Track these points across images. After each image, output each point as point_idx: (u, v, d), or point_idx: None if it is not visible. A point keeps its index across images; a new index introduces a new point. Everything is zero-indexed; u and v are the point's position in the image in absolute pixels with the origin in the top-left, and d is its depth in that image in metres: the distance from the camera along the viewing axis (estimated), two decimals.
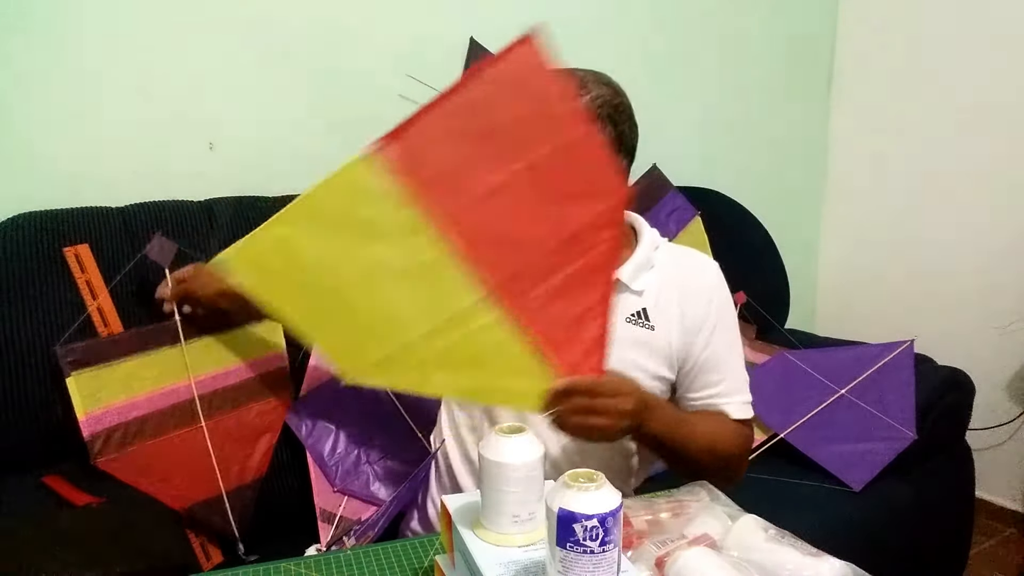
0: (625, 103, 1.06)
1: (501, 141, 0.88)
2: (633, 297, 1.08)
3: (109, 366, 1.20)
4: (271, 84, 1.61)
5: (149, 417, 1.23)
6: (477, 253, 0.87)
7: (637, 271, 1.08)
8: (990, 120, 2.16)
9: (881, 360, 1.72)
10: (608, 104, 1.04)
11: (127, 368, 1.22)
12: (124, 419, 1.20)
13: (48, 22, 1.38)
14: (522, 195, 0.88)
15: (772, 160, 2.43)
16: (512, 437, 0.69)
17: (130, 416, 1.21)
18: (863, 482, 1.53)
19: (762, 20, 2.30)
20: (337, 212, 0.87)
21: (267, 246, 0.87)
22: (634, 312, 1.07)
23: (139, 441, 1.21)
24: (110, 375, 1.20)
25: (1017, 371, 2.16)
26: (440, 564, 0.75)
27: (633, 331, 1.06)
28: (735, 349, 1.14)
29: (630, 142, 1.07)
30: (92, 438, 1.16)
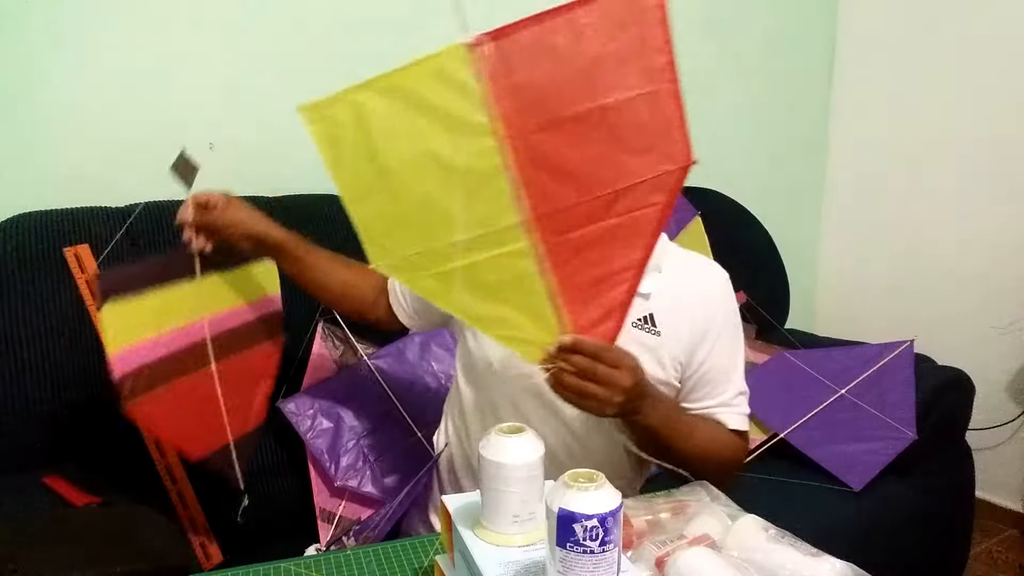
0: None
1: (593, 73, 0.87)
2: (640, 301, 1.06)
3: (137, 298, 1.14)
4: (271, 84, 1.61)
5: (168, 359, 1.16)
6: (531, 176, 0.86)
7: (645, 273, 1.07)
8: (991, 120, 2.16)
9: (881, 360, 1.72)
10: None
11: (152, 303, 1.15)
12: (148, 360, 1.13)
13: (48, 23, 1.38)
14: (594, 133, 0.87)
15: (772, 160, 2.43)
16: (512, 437, 0.69)
17: (153, 357, 1.14)
18: (863, 482, 1.53)
19: (762, 20, 2.30)
20: (418, 92, 0.88)
21: (343, 106, 0.90)
22: (641, 317, 1.06)
23: (162, 384, 1.14)
24: (138, 308, 1.14)
25: (1017, 371, 2.16)
26: (440, 564, 0.75)
27: (639, 336, 1.06)
28: (738, 361, 1.13)
29: None
30: (123, 378, 1.09)
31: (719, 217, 2.04)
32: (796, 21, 2.38)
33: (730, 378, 1.11)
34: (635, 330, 1.06)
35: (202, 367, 1.20)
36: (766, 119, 2.39)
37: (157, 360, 1.15)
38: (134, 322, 1.13)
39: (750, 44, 2.30)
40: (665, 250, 1.11)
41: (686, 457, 1.02)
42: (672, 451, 1.02)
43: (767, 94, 2.37)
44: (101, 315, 1.10)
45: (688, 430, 1.03)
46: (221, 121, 1.57)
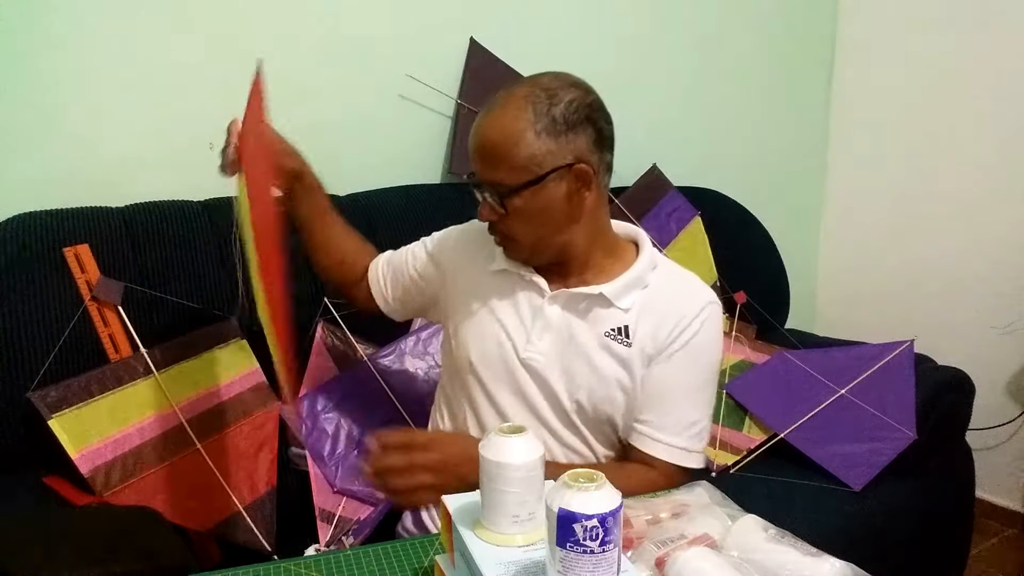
0: (597, 99, 1.05)
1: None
2: (618, 312, 1.07)
3: (87, 404, 1.19)
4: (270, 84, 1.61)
5: (144, 447, 1.22)
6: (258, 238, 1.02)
7: (626, 289, 1.07)
8: (991, 120, 2.16)
9: (881, 360, 1.72)
10: (583, 105, 1.02)
11: (107, 404, 1.21)
12: (120, 452, 1.19)
13: (48, 22, 1.38)
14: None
15: (772, 160, 2.43)
16: (512, 437, 0.69)
17: (125, 448, 1.20)
18: (863, 482, 1.53)
19: (762, 20, 2.30)
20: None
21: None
22: (615, 327, 1.06)
23: (141, 471, 1.21)
24: (92, 412, 1.19)
25: (1017, 371, 2.16)
26: (440, 564, 0.75)
27: (611, 344, 1.06)
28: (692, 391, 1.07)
29: (610, 136, 1.07)
30: (92, 474, 1.15)
31: (719, 217, 2.04)
32: (796, 21, 2.38)
33: (674, 404, 1.06)
34: (608, 339, 1.06)
35: (187, 448, 1.26)
36: (766, 119, 2.39)
37: (128, 452, 1.21)
38: (91, 425, 1.19)
39: (750, 44, 2.30)
40: (655, 265, 1.11)
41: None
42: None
43: (768, 94, 2.37)
44: (52, 426, 1.15)
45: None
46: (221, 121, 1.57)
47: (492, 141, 1.01)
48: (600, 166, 1.05)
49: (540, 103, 1.00)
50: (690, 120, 2.24)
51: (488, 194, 1.04)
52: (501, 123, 1.01)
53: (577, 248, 1.09)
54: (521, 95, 1.01)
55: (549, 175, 1.01)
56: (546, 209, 1.03)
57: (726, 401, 1.74)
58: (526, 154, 1.00)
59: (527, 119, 1.00)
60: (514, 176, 1.01)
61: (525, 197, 1.02)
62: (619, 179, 1.96)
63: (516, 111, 1.00)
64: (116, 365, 1.25)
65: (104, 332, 1.27)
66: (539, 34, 1.90)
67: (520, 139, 1.00)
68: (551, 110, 1.00)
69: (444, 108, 1.79)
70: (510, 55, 1.80)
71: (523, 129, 1.00)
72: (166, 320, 1.33)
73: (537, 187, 1.01)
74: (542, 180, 1.01)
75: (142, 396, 1.25)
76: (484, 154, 1.03)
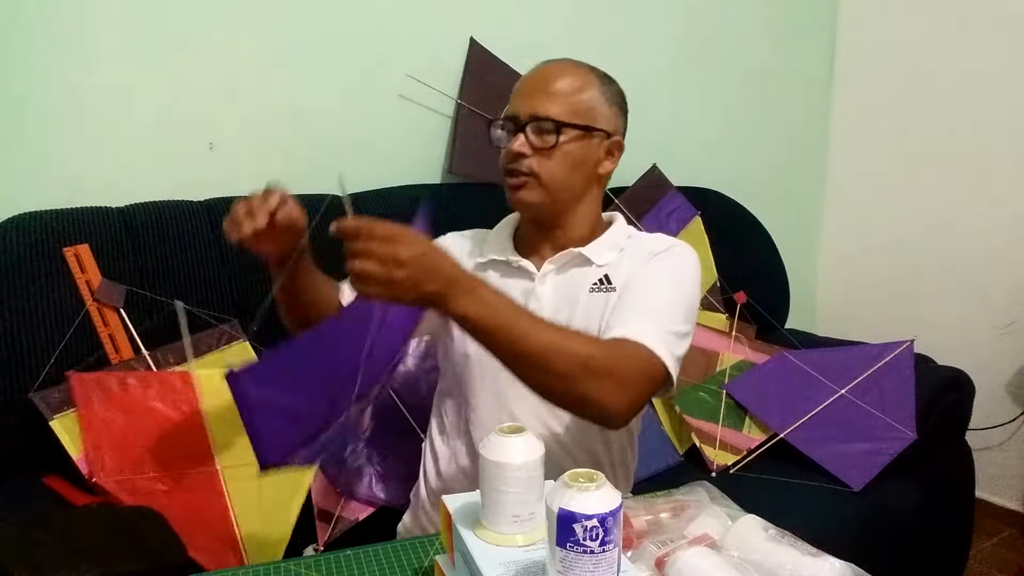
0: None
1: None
2: (596, 268, 1.11)
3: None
4: (270, 84, 1.61)
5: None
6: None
7: (602, 250, 1.12)
8: (991, 119, 2.16)
9: (881, 360, 1.72)
10: (624, 97, 1.15)
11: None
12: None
13: (48, 22, 1.38)
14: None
15: (772, 160, 2.43)
16: (512, 437, 0.69)
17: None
18: (863, 482, 1.53)
19: (762, 20, 2.30)
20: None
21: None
22: (597, 280, 1.10)
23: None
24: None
25: (1017, 371, 2.16)
26: (440, 564, 0.75)
27: (597, 299, 1.09)
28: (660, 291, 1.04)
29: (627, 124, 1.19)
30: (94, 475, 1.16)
31: (719, 217, 2.04)
32: (797, 21, 2.38)
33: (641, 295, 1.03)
34: (594, 294, 1.09)
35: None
36: (767, 119, 2.39)
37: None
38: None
39: (751, 45, 2.30)
40: (628, 235, 1.16)
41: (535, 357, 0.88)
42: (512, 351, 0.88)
43: (768, 94, 2.37)
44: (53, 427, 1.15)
45: (527, 323, 0.88)
46: (221, 121, 1.57)
47: (560, 78, 1.09)
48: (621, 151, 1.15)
49: (603, 76, 1.13)
50: (690, 120, 2.24)
51: (532, 128, 1.07)
52: (571, 70, 1.10)
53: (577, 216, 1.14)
54: (585, 65, 1.12)
55: (597, 131, 1.10)
56: (581, 161, 1.10)
57: (726, 401, 1.75)
58: (587, 103, 1.09)
59: (594, 79, 1.11)
60: (570, 115, 1.07)
61: (571, 138, 1.08)
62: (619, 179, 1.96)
63: (584, 70, 1.11)
64: (118, 367, 1.25)
65: (104, 332, 1.27)
66: (539, 34, 1.90)
67: (587, 87, 1.09)
68: (611, 84, 1.13)
69: (444, 108, 1.79)
70: (510, 55, 1.80)
71: (590, 83, 1.10)
72: (166, 321, 1.33)
73: (584, 134, 1.09)
74: (590, 131, 1.09)
75: None
76: (547, 87, 1.08)
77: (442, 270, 0.85)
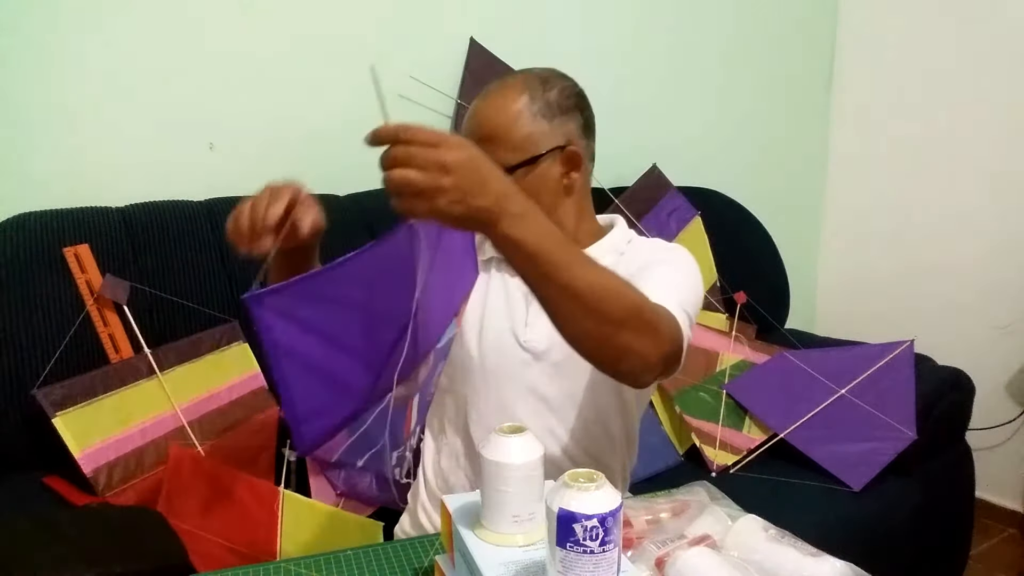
0: (582, 90, 1.12)
1: None
2: None
3: (91, 403, 1.20)
4: (271, 84, 1.61)
5: (145, 448, 1.23)
6: None
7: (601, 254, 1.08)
8: (990, 120, 2.16)
9: (881, 360, 1.72)
10: (573, 93, 1.09)
11: (110, 403, 1.22)
12: (122, 452, 1.20)
13: (48, 22, 1.38)
14: None
15: (772, 160, 2.43)
16: (512, 437, 0.69)
17: (127, 449, 1.21)
18: (863, 482, 1.53)
19: (762, 20, 2.30)
20: None
21: None
22: None
23: (142, 472, 1.21)
24: (96, 411, 1.20)
25: (1017, 371, 2.16)
26: (440, 564, 0.75)
27: None
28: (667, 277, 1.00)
29: (593, 124, 1.13)
30: (95, 473, 1.16)
31: (719, 217, 2.04)
32: (797, 22, 2.38)
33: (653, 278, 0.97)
34: None
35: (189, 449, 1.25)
36: (767, 119, 2.39)
37: (130, 452, 1.21)
38: (94, 424, 1.19)
39: (751, 44, 2.30)
40: (629, 239, 1.15)
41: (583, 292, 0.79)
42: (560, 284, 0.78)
43: (768, 94, 2.37)
44: (56, 424, 1.15)
45: (581, 259, 0.81)
46: (221, 121, 1.57)
47: (491, 122, 1.06)
48: (586, 151, 1.11)
49: (535, 88, 1.06)
50: (690, 120, 2.24)
51: None
52: (499, 105, 1.06)
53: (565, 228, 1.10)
54: (516, 81, 1.08)
55: (543, 156, 1.06)
56: (539, 189, 1.06)
57: (726, 401, 1.75)
58: (523, 134, 1.05)
59: (524, 101, 1.05)
60: (511, 156, 1.04)
61: (520, 176, 1.05)
62: (619, 179, 1.97)
63: (514, 94, 1.06)
64: (120, 365, 1.25)
65: (104, 332, 1.27)
66: (539, 34, 1.90)
67: (518, 120, 1.05)
68: (546, 94, 1.06)
69: (444, 108, 1.79)
70: (510, 55, 1.80)
71: (520, 111, 1.05)
72: (167, 320, 1.33)
73: (532, 167, 1.05)
74: (537, 160, 1.05)
75: (145, 397, 1.25)
76: (482, 135, 1.06)
77: (493, 181, 0.75)
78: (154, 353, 1.27)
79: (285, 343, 0.74)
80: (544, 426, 1.09)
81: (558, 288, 0.79)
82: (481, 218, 0.74)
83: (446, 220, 0.74)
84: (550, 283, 0.79)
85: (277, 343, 0.74)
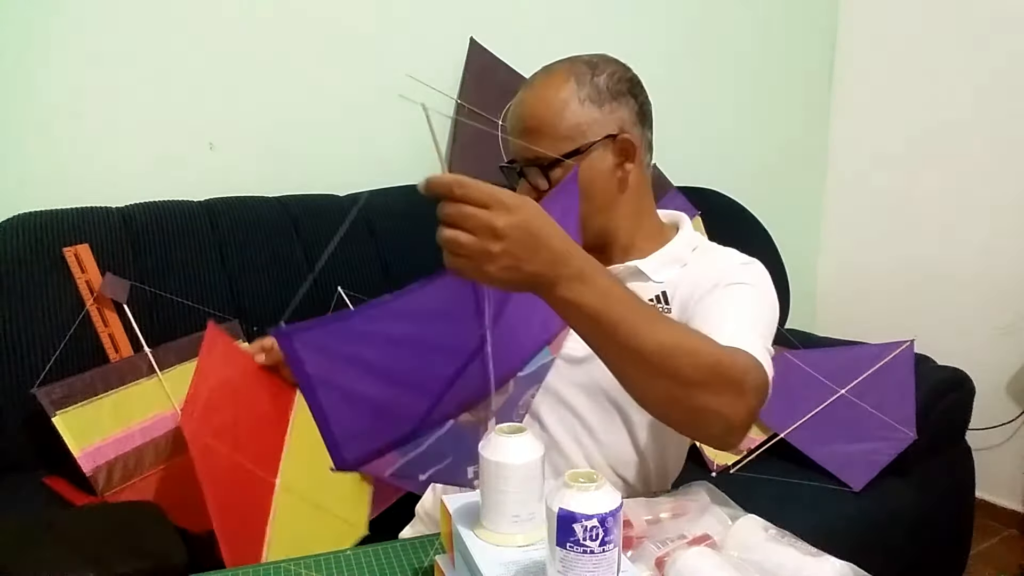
0: (636, 75, 1.06)
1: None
2: (653, 285, 1.03)
3: (91, 402, 1.19)
4: (271, 84, 1.61)
5: (145, 447, 1.22)
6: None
7: (662, 264, 1.04)
8: (990, 120, 2.16)
9: (881, 360, 1.72)
10: (624, 78, 1.03)
11: (110, 402, 1.21)
12: (122, 451, 1.19)
13: (48, 22, 1.38)
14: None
15: (772, 160, 2.43)
16: (512, 437, 0.69)
17: (127, 448, 1.20)
18: (863, 482, 1.53)
19: (763, 19, 2.30)
20: None
21: None
22: (652, 297, 1.02)
23: (142, 471, 1.21)
24: (96, 410, 1.19)
25: (1017, 371, 2.16)
26: (440, 564, 0.75)
27: None
28: (744, 308, 0.92)
29: (649, 112, 1.07)
30: (94, 473, 1.16)
31: (719, 217, 2.04)
32: (797, 22, 2.38)
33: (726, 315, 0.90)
34: None
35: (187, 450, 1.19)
36: (767, 119, 2.39)
37: (130, 451, 1.20)
38: (94, 423, 1.18)
39: (751, 44, 2.30)
40: (694, 246, 1.07)
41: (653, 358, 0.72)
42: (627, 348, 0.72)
43: (768, 94, 2.37)
44: (56, 423, 1.14)
45: (647, 316, 0.73)
46: (221, 121, 1.57)
47: (536, 114, 1.00)
48: (642, 141, 1.05)
49: (583, 74, 1.00)
50: (690, 120, 2.24)
51: (531, 171, 1.01)
52: (544, 95, 1.00)
53: (620, 230, 1.05)
54: (562, 68, 1.01)
55: (594, 145, 0.99)
56: (590, 182, 1.00)
57: None
58: (571, 123, 0.98)
59: (571, 89, 0.99)
60: (559, 147, 0.98)
61: (568, 167, 0.98)
62: None
63: (559, 83, 1.00)
64: (120, 364, 1.25)
65: (104, 332, 1.27)
66: (539, 34, 1.90)
67: (564, 109, 0.99)
68: (594, 79, 1.00)
69: (444, 108, 1.79)
70: (510, 55, 1.80)
71: (567, 99, 0.99)
72: (167, 320, 1.33)
73: (582, 157, 0.99)
74: (587, 149, 0.99)
75: (145, 396, 1.25)
76: (528, 128, 1.00)
77: (549, 245, 0.69)
78: (154, 352, 1.27)
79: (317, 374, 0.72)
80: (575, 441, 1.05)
81: (623, 350, 0.73)
82: (535, 283, 0.70)
83: (498, 285, 0.70)
84: (613, 345, 0.73)
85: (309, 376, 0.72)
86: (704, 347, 0.76)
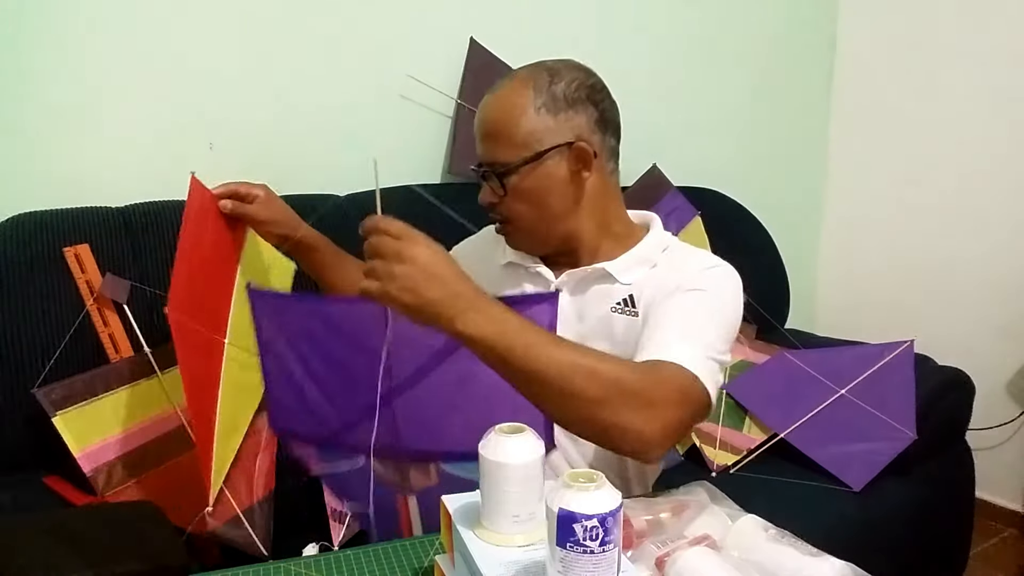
0: (599, 82, 1.06)
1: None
2: (621, 287, 1.04)
3: (91, 402, 1.19)
4: (271, 84, 1.61)
5: (146, 447, 1.22)
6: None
7: (630, 266, 1.05)
8: (990, 120, 2.16)
9: (881, 360, 1.72)
10: (584, 85, 1.04)
11: (111, 402, 1.21)
12: (122, 451, 1.19)
13: (49, 22, 1.38)
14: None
15: (772, 160, 2.43)
16: (512, 437, 0.69)
17: (127, 448, 1.20)
18: (863, 482, 1.53)
19: (763, 20, 2.30)
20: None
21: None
22: (620, 300, 1.04)
23: (142, 471, 1.21)
24: (96, 411, 1.19)
25: (1017, 371, 2.16)
26: (440, 564, 0.75)
27: (619, 320, 1.03)
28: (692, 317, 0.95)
29: (613, 119, 1.07)
30: (94, 473, 1.15)
31: (719, 217, 2.04)
32: (797, 22, 2.38)
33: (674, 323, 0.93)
34: (614, 313, 1.04)
35: (188, 450, 1.22)
36: (766, 120, 2.39)
37: (131, 452, 1.20)
38: (95, 423, 1.18)
39: (751, 46, 2.30)
40: (665, 247, 1.08)
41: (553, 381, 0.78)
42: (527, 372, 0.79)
43: (768, 94, 2.37)
44: (56, 424, 1.14)
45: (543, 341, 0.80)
46: (221, 121, 1.57)
47: (493, 119, 1.03)
48: (603, 148, 1.05)
49: (541, 81, 1.02)
50: (690, 120, 2.24)
51: (487, 176, 1.04)
52: (502, 101, 1.03)
53: (584, 235, 1.07)
54: (523, 75, 1.04)
55: (548, 152, 1.01)
56: (546, 190, 1.02)
57: (726, 401, 1.74)
58: (525, 130, 1.01)
59: (528, 96, 1.01)
60: (514, 153, 1.01)
61: (524, 175, 1.01)
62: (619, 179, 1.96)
63: (518, 89, 1.02)
64: (120, 364, 1.25)
65: (104, 332, 1.27)
66: (539, 34, 1.90)
67: (520, 115, 1.01)
68: (551, 87, 1.01)
69: (444, 108, 1.79)
70: (510, 55, 1.80)
71: (523, 106, 1.01)
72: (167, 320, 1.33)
73: (536, 164, 1.01)
74: (541, 157, 1.01)
75: (145, 396, 1.25)
76: (486, 133, 1.04)
77: (445, 278, 0.78)
78: (154, 353, 1.27)
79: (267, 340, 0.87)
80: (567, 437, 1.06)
81: (522, 373, 0.79)
82: (435, 312, 0.78)
83: (397, 305, 0.79)
84: (513, 370, 0.79)
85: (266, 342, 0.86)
86: (603, 366, 0.81)
